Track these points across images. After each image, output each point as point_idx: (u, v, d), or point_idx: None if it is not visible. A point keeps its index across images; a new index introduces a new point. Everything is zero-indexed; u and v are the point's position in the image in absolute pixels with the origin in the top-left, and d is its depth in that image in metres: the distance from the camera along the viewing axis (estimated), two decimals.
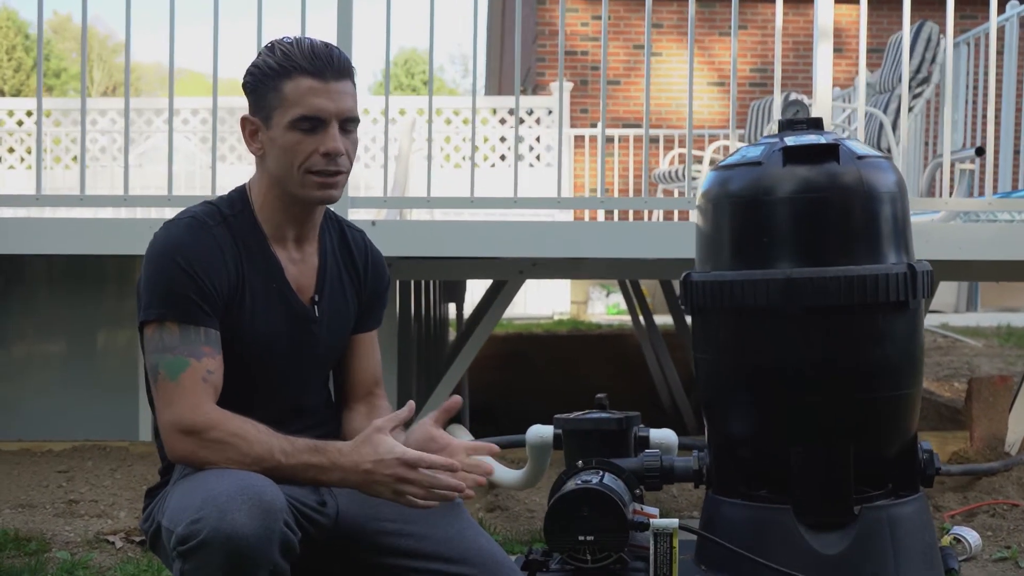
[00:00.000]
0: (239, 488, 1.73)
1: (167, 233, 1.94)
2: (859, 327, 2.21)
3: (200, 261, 1.89)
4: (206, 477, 1.80)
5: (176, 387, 1.85)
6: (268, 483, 1.78)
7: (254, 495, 1.73)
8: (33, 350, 4.36)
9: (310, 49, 1.92)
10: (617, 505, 2.18)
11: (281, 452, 1.81)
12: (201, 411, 1.83)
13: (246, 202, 2.01)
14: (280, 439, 1.83)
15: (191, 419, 1.82)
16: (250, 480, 1.76)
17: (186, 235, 1.92)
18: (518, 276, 3.83)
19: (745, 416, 2.32)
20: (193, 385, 1.85)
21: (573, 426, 2.53)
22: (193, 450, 1.83)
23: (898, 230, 2.26)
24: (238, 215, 1.98)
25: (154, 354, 1.88)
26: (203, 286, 1.88)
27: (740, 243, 2.28)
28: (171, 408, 1.86)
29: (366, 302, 2.15)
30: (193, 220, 1.94)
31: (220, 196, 2.05)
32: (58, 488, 3.54)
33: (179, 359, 1.85)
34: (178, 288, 1.86)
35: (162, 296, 1.87)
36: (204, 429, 1.82)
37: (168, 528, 1.81)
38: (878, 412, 2.25)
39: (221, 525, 1.69)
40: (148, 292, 1.90)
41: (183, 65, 53.97)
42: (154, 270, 1.90)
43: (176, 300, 1.86)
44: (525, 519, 3.31)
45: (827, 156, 2.22)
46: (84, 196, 3.34)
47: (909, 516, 2.26)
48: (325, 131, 1.91)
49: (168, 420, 1.86)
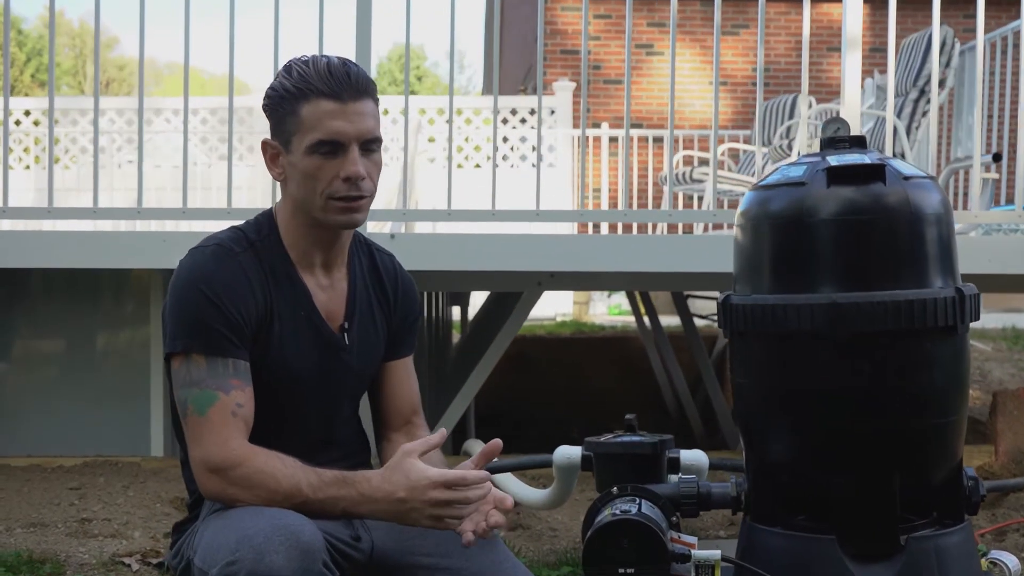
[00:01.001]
0: (276, 527, 1.68)
1: (192, 261, 1.88)
2: (906, 353, 2.15)
3: (227, 290, 1.83)
4: (240, 515, 1.75)
5: (204, 423, 1.79)
6: (305, 521, 1.72)
7: (291, 535, 1.68)
8: (41, 363, 4.30)
9: (326, 69, 1.85)
10: (658, 536, 2.12)
11: (309, 487, 1.75)
12: (228, 448, 1.77)
13: (273, 226, 1.96)
14: (308, 473, 1.77)
15: (218, 457, 1.77)
16: (287, 519, 1.71)
17: (212, 263, 1.85)
18: (536, 288, 3.77)
19: (787, 443, 2.26)
20: (222, 420, 1.79)
21: (605, 450, 2.47)
22: (222, 488, 1.78)
23: (944, 252, 2.20)
24: (265, 240, 1.93)
25: (182, 388, 1.83)
26: (230, 316, 1.82)
27: (782, 266, 2.22)
28: (200, 445, 1.80)
29: (396, 329, 2.10)
30: (219, 247, 1.88)
31: (247, 220, 1.99)
32: (70, 506, 3.48)
33: (207, 393, 1.80)
34: (204, 319, 1.81)
35: (188, 327, 1.81)
36: (231, 467, 1.76)
37: (201, 568, 1.76)
38: (925, 439, 2.19)
39: (258, 567, 1.64)
40: (174, 323, 1.84)
41: (177, 59, 53.87)
42: (179, 300, 1.84)
43: (202, 331, 1.80)
44: (548, 538, 3.26)
45: (873, 177, 2.16)
46: (97, 209, 3.27)
47: (955, 546, 2.20)
48: (345, 155, 1.85)
49: (197, 457, 1.81)
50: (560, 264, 3.58)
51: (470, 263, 3.38)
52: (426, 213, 4.31)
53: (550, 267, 3.59)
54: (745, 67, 11.86)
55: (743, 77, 11.86)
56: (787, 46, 11.60)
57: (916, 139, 5.52)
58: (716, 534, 3.22)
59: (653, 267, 3.61)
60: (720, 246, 3.63)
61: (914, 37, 5.57)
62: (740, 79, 11.82)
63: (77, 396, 4.17)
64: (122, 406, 4.10)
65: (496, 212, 3.35)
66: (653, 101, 11.77)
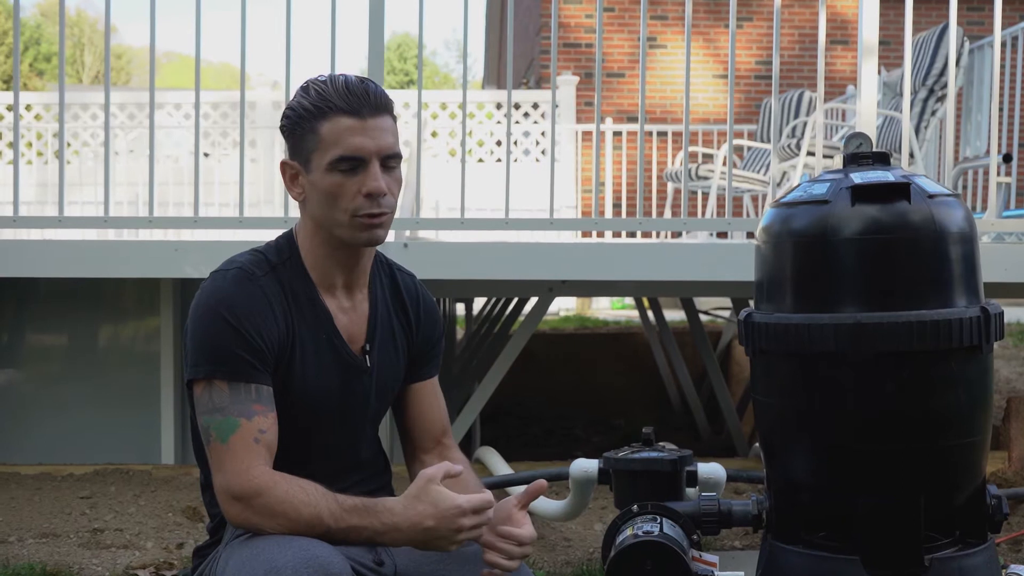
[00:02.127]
0: (303, 560, 1.67)
1: (213, 286, 1.87)
2: (930, 373, 2.13)
3: (248, 315, 1.82)
4: (267, 545, 1.74)
5: (227, 450, 1.78)
6: (332, 552, 1.71)
7: (319, 568, 1.66)
8: (50, 370, 4.28)
9: (344, 86, 1.84)
10: (681, 558, 2.12)
11: (330, 516, 1.74)
12: (249, 476, 1.76)
13: (293, 249, 1.94)
14: (329, 501, 1.75)
15: (240, 485, 1.76)
16: (315, 550, 1.70)
17: (233, 288, 1.84)
18: (547, 294, 3.76)
19: (809, 462, 2.25)
20: (244, 447, 1.78)
21: (624, 466, 2.46)
22: (245, 516, 1.77)
23: (969, 271, 2.19)
24: (286, 263, 1.92)
25: (204, 415, 1.82)
26: (252, 341, 1.80)
27: (805, 284, 2.21)
28: (222, 472, 1.79)
29: (418, 350, 2.09)
30: (240, 272, 1.87)
31: (268, 243, 1.98)
32: (81, 516, 3.46)
33: (229, 420, 1.79)
34: (226, 344, 1.79)
35: (209, 353, 1.80)
36: (252, 495, 1.75)
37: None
38: (949, 459, 2.18)
39: None
40: (195, 349, 1.83)
41: (173, 48, 53.77)
42: (200, 325, 1.82)
43: (224, 357, 1.79)
44: (562, 548, 3.24)
45: (898, 195, 2.15)
46: (108, 218, 3.25)
47: (980, 566, 2.19)
48: (366, 171, 1.84)
49: (219, 484, 1.80)
50: (571, 272, 3.57)
51: (483, 272, 3.36)
52: (439, 222, 4.30)
53: (561, 275, 3.58)
54: (748, 60, 11.82)
55: (746, 71, 11.82)
56: (791, 39, 11.55)
57: (925, 139, 5.49)
58: (732, 544, 3.21)
59: (664, 275, 3.61)
60: (729, 254, 3.62)
61: (923, 35, 5.54)
62: (743, 72, 11.78)
63: (86, 404, 4.15)
64: (132, 414, 4.09)
65: (509, 221, 3.33)
66: (656, 95, 11.73)
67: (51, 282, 4.07)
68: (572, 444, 7.48)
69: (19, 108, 3.51)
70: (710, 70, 11.67)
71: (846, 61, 11.44)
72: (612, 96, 11.81)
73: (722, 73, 11.79)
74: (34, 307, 4.18)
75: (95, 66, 36.46)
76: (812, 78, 11.43)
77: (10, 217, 3.41)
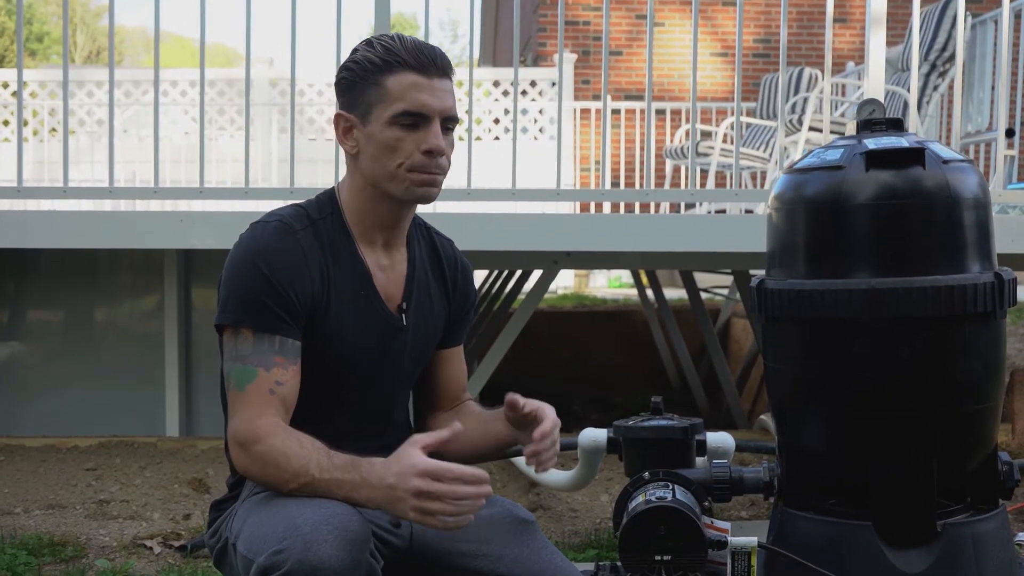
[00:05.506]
0: (324, 517, 1.67)
1: (252, 236, 1.87)
2: (944, 339, 2.13)
3: (283, 268, 1.82)
4: (288, 504, 1.75)
5: (241, 397, 1.79)
6: (352, 511, 1.72)
7: (340, 525, 1.67)
8: (53, 342, 4.27)
9: (413, 45, 1.85)
10: (695, 523, 2.11)
11: (317, 467, 1.73)
12: (254, 423, 1.76)
13: (335, 205, 1.95)
14: (319, 454, 1.74)
15: (244, 431, 1.77)
16: (334, 508, 1.70)
17: (271, 239, 1.84)
18: (552, 266, 3.76)
19: (822, 429, 2.25)
20: (257, 396, 1.78)
21: (635, 434, 2.45)
22: (244, 463, 1.78)
23: (983, 236, 2.18)
24: (326, 219, 1.92)
25: (228, 361, 1.82)
26: (283, 293, 1.80)
27: (818, 250, 2.20)
28: (234, 418, 1.81)
29: (454, 316, 2.09)
30: (280, 223, 1.87)
31: (308, 200, 1.99)
32: (87, 487, 3.46)
33: (248, 368, 1.79)
34: (257, 294, 1.80)
35: (240, 301, 1.81)
36: (252, 442, 1.76)
37: (246, 556, 1.75)
38: (962, 426, 2.18)
39: (306, 556, 1.63)
40: (227, 295, 1.83)
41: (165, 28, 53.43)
42: (235, 273, 1.83)
43: (253, 307, 1.80)
44: (569, 519, 3.25)
45: (912, 160, 2.14)
46: (113, 188, 3.24)
47: (991, 532, 2.20)
48: (428, 128, 1.84)
49: (230, 430, 1.83)
50: (577, 243, 3.57)
51: (490, 243, 3.36)
52: (445, 192, 4.28)
53: (567, 247, 3.58)
54: (747, 38, 11.78)
55: (744, 48, 11.78)
56: (790, 17, 11.50)
57: (927, 114, 5.49)
58: (738, 515, 3.21)
59: (668, 247, 3.61)
60: (734, 225, 3.63)
61: (926, 10, 5.53)
62: (742, 50, 11.75)
63: (90, 376, 4.14)
64: (136, 386, 4.08)
65: (516, 191, 3.32)
66: (655, 72, 11.68)
67: (53, 256, 4.06)
68: (571, 421, 7.48)
69: (22, 79, 3.49)
70: (708, 48, 11.64)
71: (844, 39, 11.42)
72: (611, 74, 11.78)
73: (720, 51, 11.77)
74: (37, 280, 4.17)
75: (87, 46, 36.29)
76: (811, 56, 11.41)
77: (14, 188, 3.39)
